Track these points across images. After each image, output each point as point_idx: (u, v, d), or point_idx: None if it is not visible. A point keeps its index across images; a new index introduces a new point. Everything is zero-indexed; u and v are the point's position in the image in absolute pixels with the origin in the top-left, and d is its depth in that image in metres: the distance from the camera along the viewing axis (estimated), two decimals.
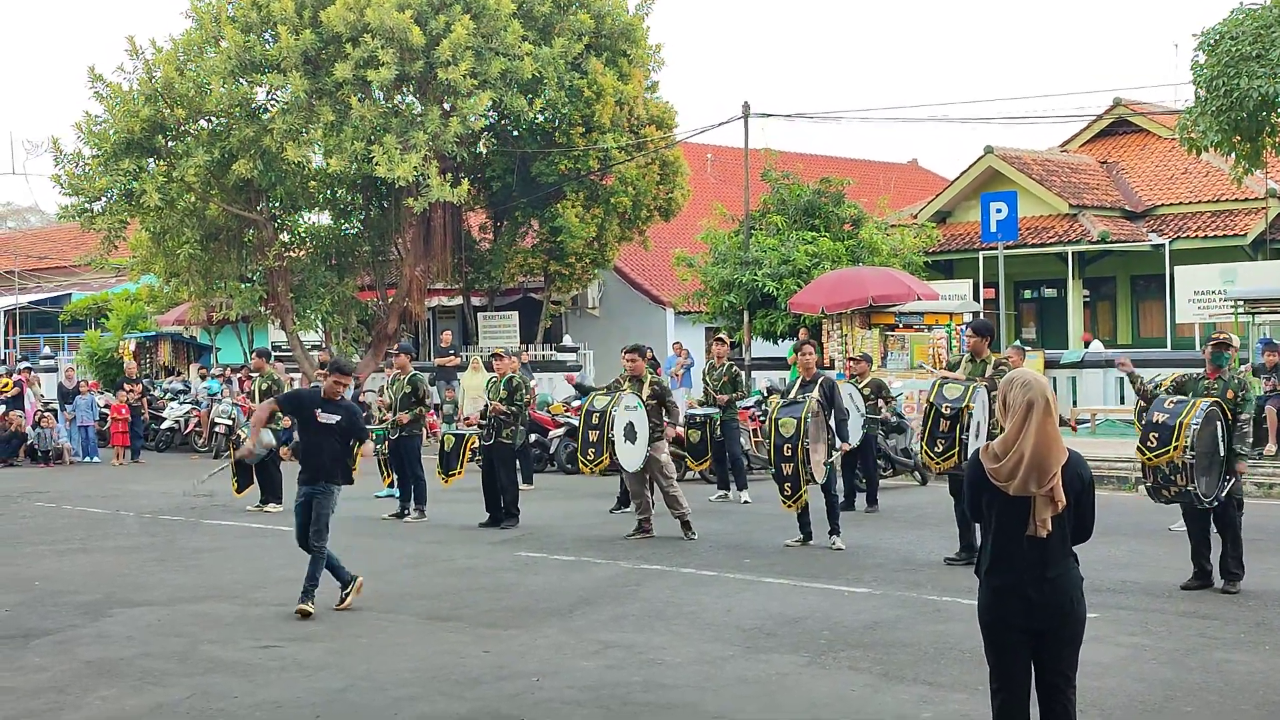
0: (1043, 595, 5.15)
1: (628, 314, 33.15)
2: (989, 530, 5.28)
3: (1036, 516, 5.10)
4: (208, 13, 27.21)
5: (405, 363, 16.03)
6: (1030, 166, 30.20)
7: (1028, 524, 5.13)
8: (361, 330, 30.38)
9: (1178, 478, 9.91)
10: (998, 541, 5.25)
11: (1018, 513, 5.15)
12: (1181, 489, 9.96)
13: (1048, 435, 5.07)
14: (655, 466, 13.37)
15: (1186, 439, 9.82)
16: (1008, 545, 5.22)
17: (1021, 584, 5.18)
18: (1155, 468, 10.05)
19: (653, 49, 29.86)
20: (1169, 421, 9.96)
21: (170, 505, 17.28)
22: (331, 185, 28.54)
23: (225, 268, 28.43)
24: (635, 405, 13.21)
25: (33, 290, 46.19)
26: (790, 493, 12.52)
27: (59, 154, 26.78)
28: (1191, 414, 9.92)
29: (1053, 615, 5.16)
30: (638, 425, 13.16)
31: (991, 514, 5.25)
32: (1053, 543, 5.15)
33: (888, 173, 41.13)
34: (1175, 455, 9.85)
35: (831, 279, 24.04)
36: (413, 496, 15.61)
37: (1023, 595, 5.18)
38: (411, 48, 24.95)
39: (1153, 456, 10.00)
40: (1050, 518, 5.10)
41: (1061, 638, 5.20)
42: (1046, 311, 32.24)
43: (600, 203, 28.88)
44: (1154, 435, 10.03)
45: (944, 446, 11.32)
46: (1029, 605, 5.17)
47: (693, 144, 33.97)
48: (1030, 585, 5.16)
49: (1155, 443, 10.00)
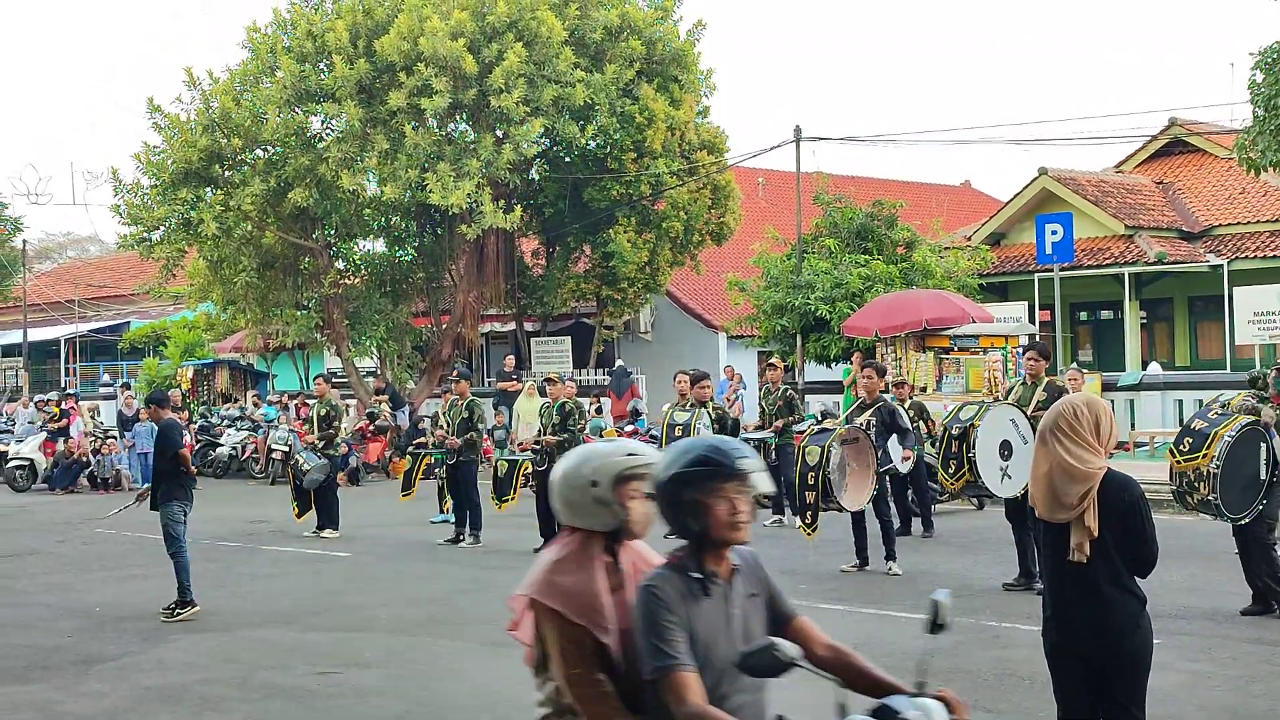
0: (1089, 623, 5.06)
1: (680, 338, 33.14)
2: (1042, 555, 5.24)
3: (1072, 541, 5.05)
4: (264, 44, 27.57)
5: (465, 388, 16.07)
6: (1085, 187, 29.95)
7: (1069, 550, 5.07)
8: (416, 356, 30.57)
9: (1201, 485, 9.86)
10: (1047, 567, 5.23)
11: (1059, 539, 5.11)
12: (1204, 498, 9.90)
13: (1061, 461, 5.00)
14: None
15: (1216, 449, 9.76)
16: (1054, 571, 5.18)
17: (1068, 611, 5.11)
18: (1181, 472, 10.02)
19: (704, 74, 29.92)
20: (1205, 430, 9.97)
21: (227, 531, 17.42)
22: (386, 213, 28.79)
23: (281, 295, 28.71)
24: (709, 425, 13.35)
25: (92, 319, 46.81)
26: (810, 520, 12.52)
27: (118, 184, 27.20)
28: (1229, 427, 9.88)
29: (1102, 644, 5.06)
30: None
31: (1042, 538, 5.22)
32: (1096, 569, 5.05)
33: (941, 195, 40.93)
34: (1202, 463, 9.81)
35: (885, 302, 23.93)
36: (468, 522, 15.65)
37: (1069, 622, 5.11)
38: (464, 76, 25.14)
39: (1181, 460, 9.98)
40: (1089, 543, 5.02)
41: (1118, 667, 5.09)
42: (1103, 333, 31.93)
43: (652, 227, 28.94)
44: (1187, 440, 10.05)
45: (955, 466, 11.64)
46: (1076, 632, 5.09)
47: (744, 168, 33.98)
48: (1076, 612, 5.08)
49: (1187, 447, 10.01)
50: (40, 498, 23.90)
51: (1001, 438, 11.24)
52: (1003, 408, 11.36)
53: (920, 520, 15.71)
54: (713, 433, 13.43)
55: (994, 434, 11.20)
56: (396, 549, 15.59)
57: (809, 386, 25.82)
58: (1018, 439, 11.18)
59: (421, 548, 15.38)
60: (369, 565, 14.22)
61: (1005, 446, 11.20)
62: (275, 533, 17.18)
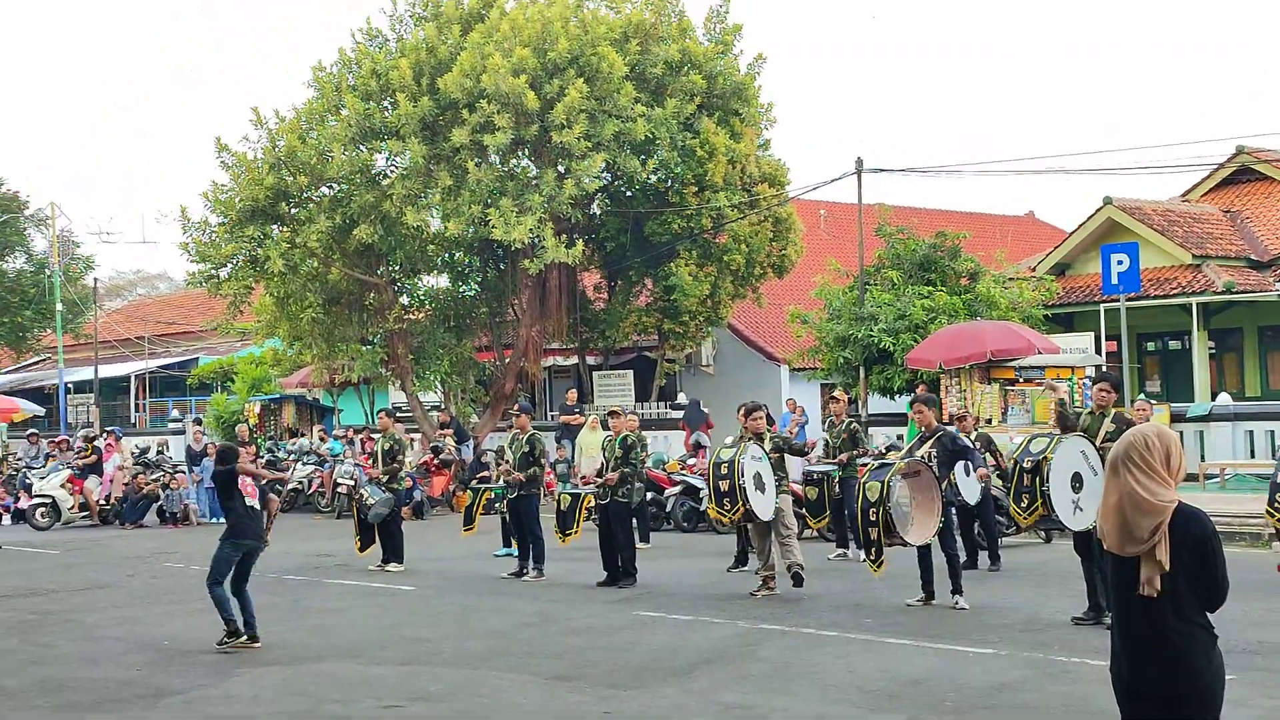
0: (1158, 659, 4.96)
1: (742, 371, 33.10)
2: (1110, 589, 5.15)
3: (1142, 575, 4.97)
4: (329, 82, 27.96)
5: (525, 422, 16.11)
6: (1151, 217, 29.63)
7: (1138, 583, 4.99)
8: (479, 390, 30.73)
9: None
10: (1115, 601, 5.13)
11: (1128, 572, 5.02)
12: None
13: (1132, 493, 4.92)
14: (778, 516, 13.39)
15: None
16: (1123, 605, 5.08)
17: (1137, 646, 5.02)
18: None
19: (764, 108, 29.97)
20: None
21: (294, 565, 17.55)
22: (449, 248, 29.04)
23: (347, 330, 29.00)
24: (760, 456, 13.26)
25: (161, 355, 47.50)
26: (874, 557, 12.42)
27: (187, 222, 27.62)
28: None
29: (1172, 680, 4.96)
30: (764, 475, 13.21)
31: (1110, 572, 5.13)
32: (1166, 603, 4.95)
33: (1004, 226, 40.68)
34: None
35: (949, 333, 23.77)
36: (531, 555, 15.66)
37: (1139, 657, 5.01)
38: (526, 112, 25.35)
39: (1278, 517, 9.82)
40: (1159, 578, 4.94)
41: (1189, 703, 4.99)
42: (1171, 364, 31.49)
43: (713, 260, 28.97)
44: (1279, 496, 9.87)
45: (1028, 500, 11.49)
46: (1145, 668, 4.99)
47: (805, 200, 33.95)
48: (1144, 647, 4.99)
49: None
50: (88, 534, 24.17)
51: (1073, 470, 11.12)
52: (1074, 439, 11.22)
53: (987, 553, 15.55)
54: (771, 465, 13.32)
55: (1066, 466, 11.06)
56: (461, 583, 15.64)
57: (872, 419, 25.67)
58: (1088, 470, 11.07)
59: (485, 581, 15.42)
60: (433, 599, 14.27)
61: (1076, 478, 11.08)
62: (340, 566, 17.29)
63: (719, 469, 13.27)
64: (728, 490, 13.11)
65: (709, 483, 13.54)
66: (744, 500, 12.97)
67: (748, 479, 13.03)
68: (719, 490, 13.22)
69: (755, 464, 13.19)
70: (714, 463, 13.47)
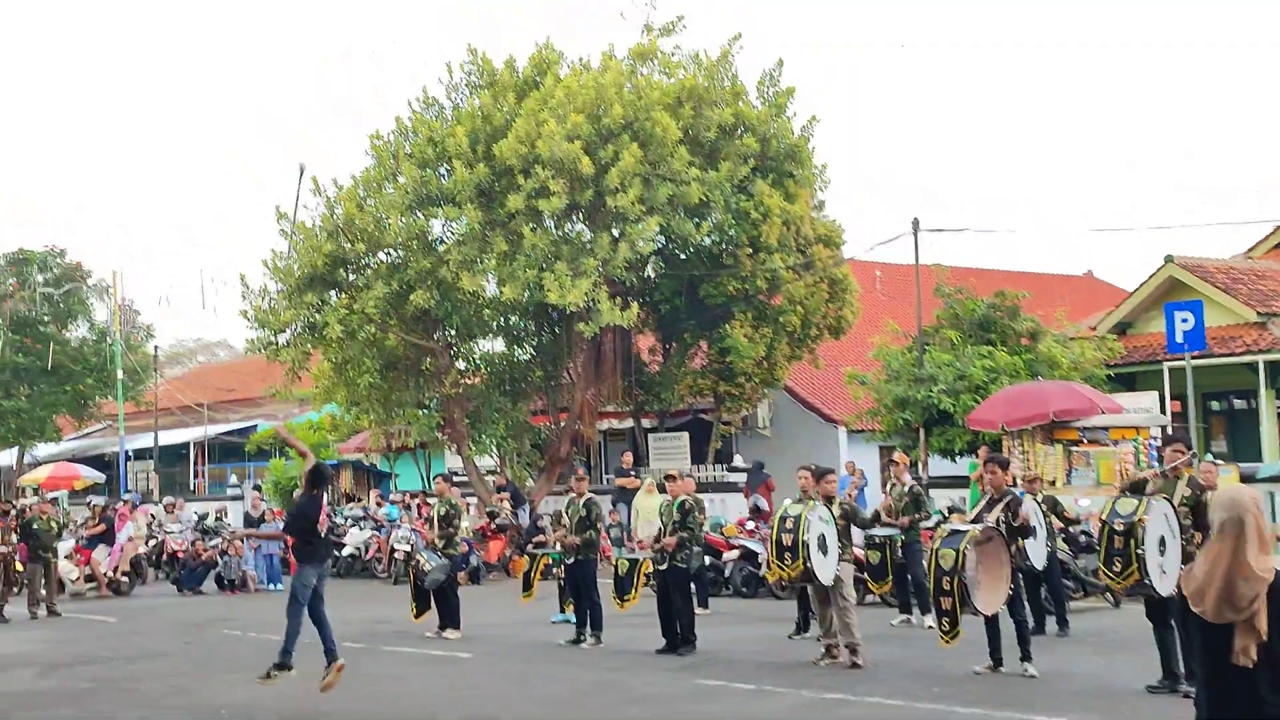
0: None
1: (799, 433, 32.84)
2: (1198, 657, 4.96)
3: (1237, 644, 4.77)
4: (386, 150, 28.24)
5: (583, 487, 15.99)
6: (1214, 275, 29.24)
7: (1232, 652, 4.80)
8: (535, 454, 30.67)
9: None
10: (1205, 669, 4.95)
11: (1221, 640, 4.84)
12: None
13: (1236, 559, 4.75)
14: (838, 585, 13.11)
15: None
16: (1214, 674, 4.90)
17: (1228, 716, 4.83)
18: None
19: (818, 169, 29.93)
20: None
21: (350, 632, 17.43)
22: (505, 312, 29.11)
23: (404, 395, 29.08)
24: (827, 519, 13.04)
25: (220, 422, 47.87)
26: (948, 628, 12.12)
27: (246, 290, 27.89)
28: None
29: None
30: (828, 538, 12.99)
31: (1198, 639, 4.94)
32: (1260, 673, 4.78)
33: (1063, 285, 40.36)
34: None
35: (1011, 394, 23.45)
36: (589, 621, 15.48)
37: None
38: (581, 177, 25.44)
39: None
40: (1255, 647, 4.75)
41: None
42: (1237, 423, 30.91)
43: (769, 322, 28.84)
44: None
45: (1121, 565, 11.03)
46: None
47: (861, 261, 33.82)
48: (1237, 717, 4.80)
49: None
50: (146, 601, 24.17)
51: (1159, 534, 10.85)
52: (1160, 501, 10.94)
53: (1055, 618, 15.21)
54: (836, 530, 13.12)
55: (1155, 530, 10.79)
56: (518, 649, 15.48)
57: (933, 481, 25.33)
58: (1169, 534, 10.83)
59: (543, 648, 15.25)
60: (491, 666, 14.11)
61: (1161, 542, 10.80)
62: (398, 633, 17.17)
63: (784, 522, 13.03)
64: (790, 545, 12.86)
65: (771, 536, 13.28)
66: (805, 557, 12.71)
67: (811, 536, 12.78)
68: (780, 543, 12.96)
69: (821, 525, 12.97)
70: (779, 516, 13.24)
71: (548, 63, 28.58)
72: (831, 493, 13.55)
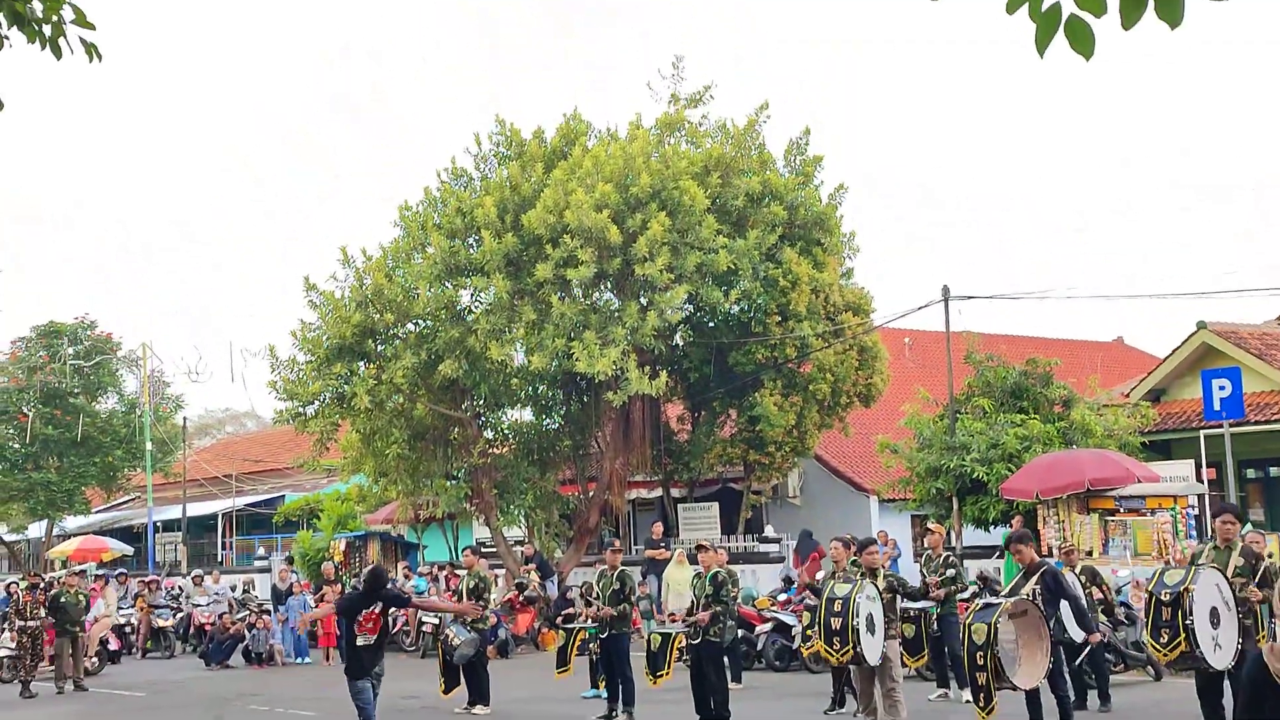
0: None
1: (830, 502, 32.55)
2: None
3: None
4: (415, 221, 28.33)
5: (616, 559, 15.79)
6: (1247, 341, 28.97)
7: None
8: (563, 525, 30.46)
9: None
10: None
11: None
12: None
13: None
14: (885, 665, 12.82)
15: None
16: None
17: None
18: None
19: (846, 236, 29.90)
20: None
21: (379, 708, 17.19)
22: (533, 382, 29.03)
23: (432, 466, 28.97)
24: (874, 596, 12.78)
25: (248, 493, 47.82)
26: (983, 704, 11.85)
27: (275, 361, 27.90)
28: None
29: None
30: (876, 617, 12.73)
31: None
32: None
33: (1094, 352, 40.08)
34: None
35: (1045, 462, 23.18)
36: (621, 697, 15.24)
37: None
38: (609, 246, 25.44)
39: None
40: None
41: None
42: (1273, 491, 30.52)
43: (798, 390, 28.67)
44: None
45: (1169, 636, 10.76)
46: None
47: (890, 328, 33.69)
48: None
49: None
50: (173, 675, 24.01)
51: (1211, 604, 10.60)
52: (1210, 571, 10.71)
53: (1096, 692, 14.89)
54: (882, 606, 12.82)
55: (1205, 600, 10.55)
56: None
57: (967, 551, 25.01)
58: (1223, 605, 10.58)
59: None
60: None
61: (1214, 614, 10.55)
62: (427, 709, 16.94)
63: (832, 605, 12.77)
64: (839, 629, 12.60)
65: (819, 618, 12.99)
66: (855, 642, 12.46)
67: (861, 620, 12.53)
68: (829, 627, 12.70)
69: (869, 604, 12.71)
70: (826, 597, 12.98)
71: (575, 133, 28.71)
72: (875, 564, 13.26)
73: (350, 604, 12.60)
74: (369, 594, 12.43)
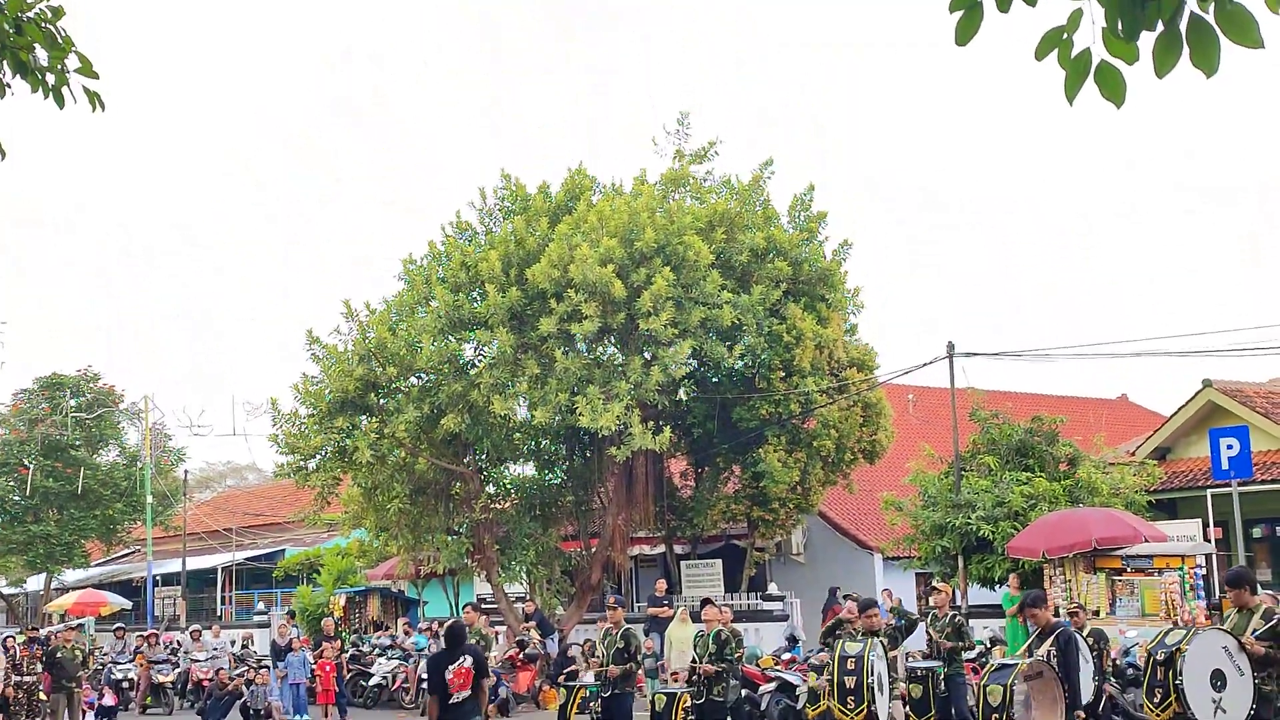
0: None
1: (834, 560, 32.32)
2: None
3: None
4: (419, 274, 28.30)
5: (620, 616, 15.61)
6: (1253, 399, 28.87)
7: None
8: (565, 581, 30.21)
9: None
10: None
11: None
12: None
13: None
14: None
15: None
16: None
17: None
18: None
19: (851, 292, 29.85)
20: None
21: None
22: (536, 436, 28.91)
23: (433, 521, 28.78)
24: (883, 656, 12.68)
25: (249, 547, 47.57)
26: None
27: (277, 414, 27.77)
28: None
29: None
30: (883, 676, 12.63)
31: None
32: None
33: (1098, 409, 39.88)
34: None
35: (1051, 521, 23.00)
36: None
37: None
38: (613, 300, 25.39)
39: None
40: None
41: None
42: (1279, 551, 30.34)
43: (802, 446, 28.50)
44: None
45: (1160, 695, 10.76)
46: None
47: (894, 385, 33.56)
48: None
49: None
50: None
51: (1213, 666, 10.44)
52: (1214, 633, 10.59)
53: None
54: (887, 663, 12.72)
55: (1204, 660, 10.40)
56: None
57: (973, 610, 24.78)
58: (1232, 669, 10.40)
59: None
60: None
61: (1218, 676, 10.39)
62: None
63: (845, 663, 12.64)
64: (854, 688, 12.46)
65: (832, 676, 12.83)
66: (869, 700, 12.32)
67: (875, 679, 12.43)
68: (843, 686, 12.55)
69: (880, 663, 12.64)
70: (839, 655, 12.84)
71: (580, 187, 28.76)
72: (874, 627, 13.16)
73: (436, 662, 12.42)
74: (452, 649, 12.21)
